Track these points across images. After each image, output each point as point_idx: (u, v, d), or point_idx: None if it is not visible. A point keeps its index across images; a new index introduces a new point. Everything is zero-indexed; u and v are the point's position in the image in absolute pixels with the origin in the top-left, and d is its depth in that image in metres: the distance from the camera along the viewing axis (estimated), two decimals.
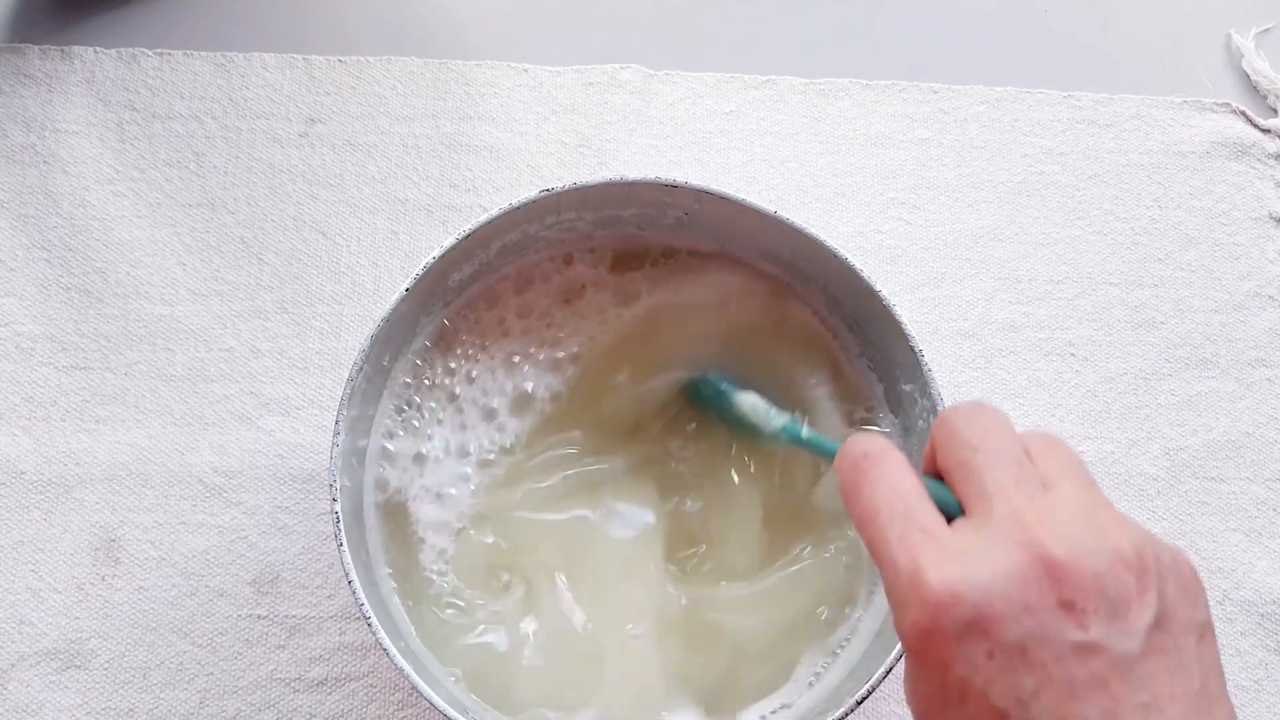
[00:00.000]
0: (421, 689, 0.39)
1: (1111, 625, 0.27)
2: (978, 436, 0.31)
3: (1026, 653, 0.27)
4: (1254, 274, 0.58)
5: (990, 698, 0.27)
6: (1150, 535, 0.30)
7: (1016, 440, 0.32)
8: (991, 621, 0.27)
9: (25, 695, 0.49)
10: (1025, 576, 0.28)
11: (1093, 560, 0.28)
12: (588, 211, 0.48)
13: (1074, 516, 0.29)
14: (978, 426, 0.32)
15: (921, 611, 0.28)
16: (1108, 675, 0.27)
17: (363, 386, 0.44)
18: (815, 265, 0.47)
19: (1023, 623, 0.27)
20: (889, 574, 0.30)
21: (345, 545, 0.41)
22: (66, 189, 0.56)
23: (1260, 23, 0.63)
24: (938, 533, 0.30)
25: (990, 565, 0.28)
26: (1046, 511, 0.29)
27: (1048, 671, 0.27)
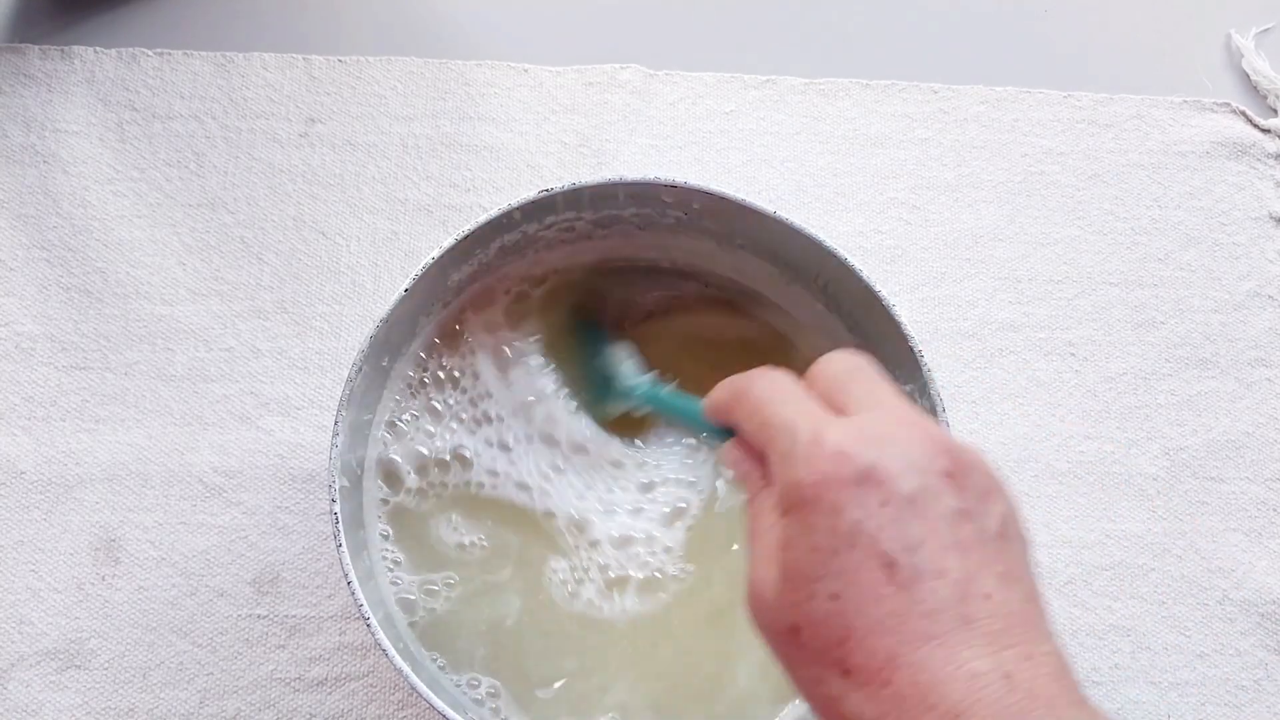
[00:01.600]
0: (420, 689, 0.39)
1: (979, 505, 0.31)
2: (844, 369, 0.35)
3: (916, 505, 0.30)
4: (1254, 274, 0.58)
5: (880, 542, 0.29)
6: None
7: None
8: (888, 473, 0.30)
9: (25, 695, 0.49)
10: (919, 445, 0.31)
11: (966, 451, 0.32)
12: (587, 211, 0.48)
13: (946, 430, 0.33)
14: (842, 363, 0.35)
15: (822, 460, 0.31)
16: (974, 543, 0.30)
17: (362, 387, 0.44)
18: (815, 265, 0.47)
19: (914, 480, 0.30)
20: (786, 441, 0.32)
21: (344, 545, 0.41)
22: (66, 189, 0.56)
23: (1260, 23, 0.63)
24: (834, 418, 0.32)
25: (886, 430, 0.31)
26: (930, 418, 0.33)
27: (932, 525, 0.30)
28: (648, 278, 0.51)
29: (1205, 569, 0.53)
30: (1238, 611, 0.52)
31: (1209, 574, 0.53)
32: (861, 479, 0.30)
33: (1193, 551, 0.53)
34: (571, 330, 0.50)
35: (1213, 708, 0.51)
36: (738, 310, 0.51)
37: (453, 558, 0.47)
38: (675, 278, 0.51)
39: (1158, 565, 0.53)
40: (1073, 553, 0.53)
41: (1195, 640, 0.52)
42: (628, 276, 0.51)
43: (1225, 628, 0.52)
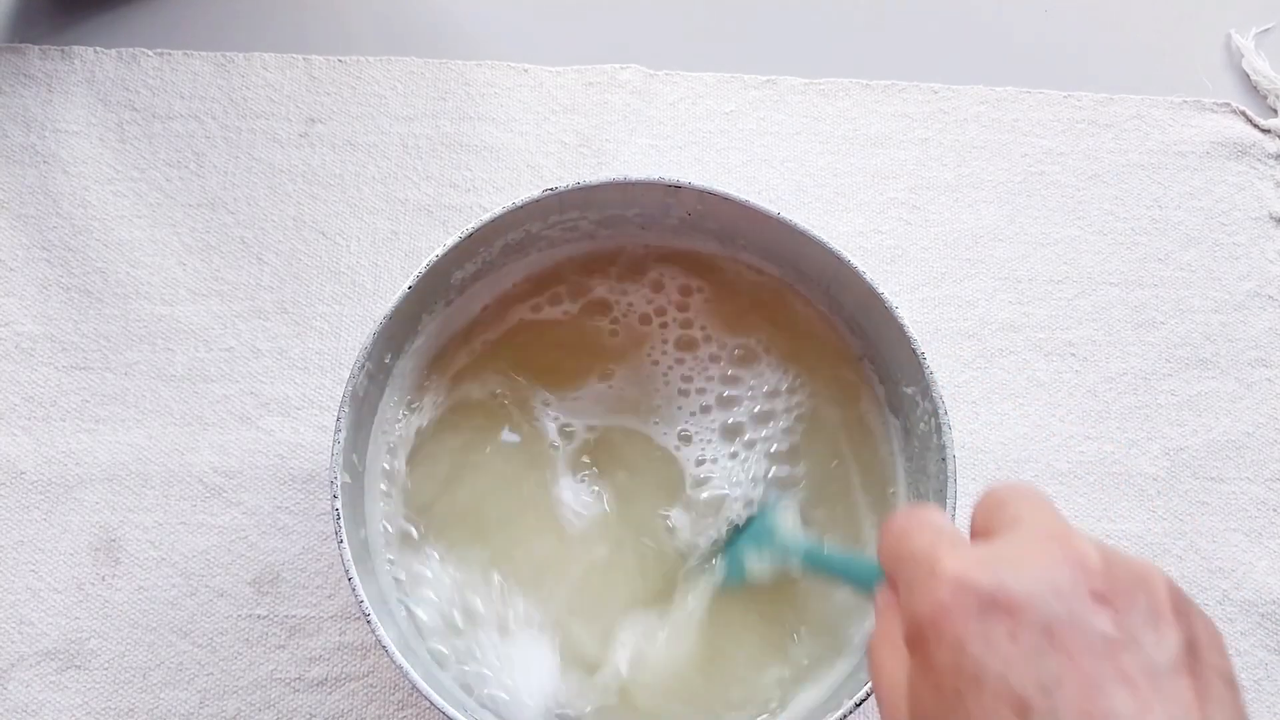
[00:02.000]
0: (421, 687, 0.39)
1: (1145, 631, 0.26)
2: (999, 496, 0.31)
3: (1053, 636, 0.25)
4: (1254, 274, 0.58)
5: (1010, 681, 0.25)
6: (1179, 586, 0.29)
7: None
8: (1016, 600, 0.26)
9: (25, 695, 0.49)
10: (1057, 564, 0.26)
11: (1127, 568, 0.27)
12: (591, 211, 0.48)
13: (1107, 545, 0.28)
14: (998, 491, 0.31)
15: (938, 589, 0.27)
16: (1138, 677, 0.25)
17: (364, 384, 0.44)
18: (818, 267, 0.47)
19: (1051, 605, 0.26)
20: (909, 571, 0.28)
21: (345, 542, 0.41)
22: (66, 189, 0.56)
23: (1260, 23, 0.63)
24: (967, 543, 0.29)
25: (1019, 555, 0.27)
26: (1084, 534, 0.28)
27: (1075, 660, 0.25)
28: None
29: (1205, 569, 0.53)
30: (1238, 611, 0.52)
31: (1209, 574, 0.53)
32: (986, 609, 0.26)
33: (1193, 551, 0.53)
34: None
35: None
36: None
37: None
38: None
39: (1158, 565, 0.53)
40: None
41: None
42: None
43: (1225, 628, 0.52)
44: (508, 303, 0.50)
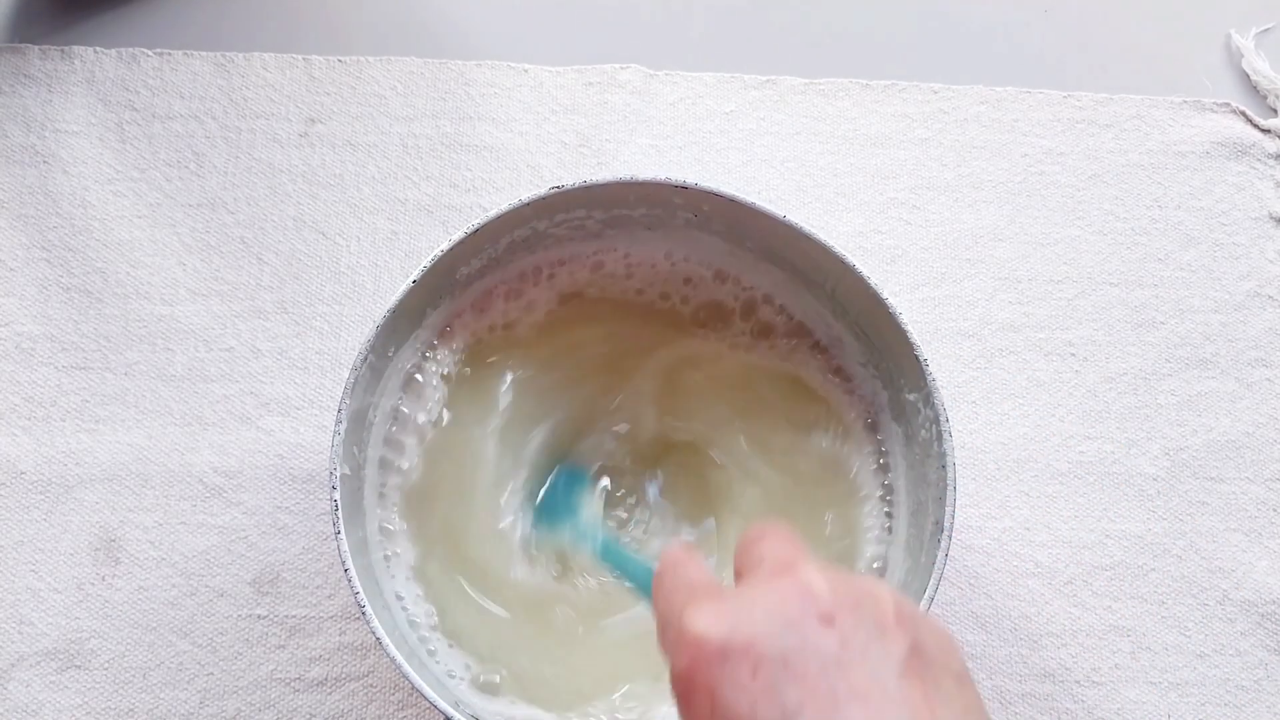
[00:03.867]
0: (416, 683, 0.39)
1: (871, 644, 0.28)
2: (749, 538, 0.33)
3: (789, 665, 0.27)
4: (1254, 274, 0.58)
5: (756, 717, 0.27)
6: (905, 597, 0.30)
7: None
8: (754, 640, 0.27)
9: (25, 695, 0.49)
10: (786, 598, 0.28)
11: (850, 588, 0.29)
12: (597, 210, 0.48)
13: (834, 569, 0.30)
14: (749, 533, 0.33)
15: (685, 648, 0.28)
16: (868, 690, 0.27)
17: (366, 376, 0.44)
18: (822, 271, 0.47)
19: (784, 638, 0.27)
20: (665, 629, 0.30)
21: (343, 534, 0.41)
22: (66, 189, 0.56)
23: (1260, 23, 0.63)
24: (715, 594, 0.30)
25: (751, 597, 0.29)
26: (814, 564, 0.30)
27: (811, 684, 0.27)
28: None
29: (1205, 569, 0.53)
30: (1238, 611, 0.52)
31: (1209, 574, 0.53)
32: (724, 656, 0.28)
33: (1193, 551, 0.53)
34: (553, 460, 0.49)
35: (1213, 708, 0.51)
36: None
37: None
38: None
39: (1158, 565, 0.53)
40: (1073, 553, 0.53)
41: (1195, 640, 0.52)
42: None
43: (1225, 628, 0.52)
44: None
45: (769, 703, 0.27)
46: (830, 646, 0.27)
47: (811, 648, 0.27)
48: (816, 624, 0.28)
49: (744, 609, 0.29)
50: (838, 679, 0.27)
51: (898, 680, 0.27)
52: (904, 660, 0.28)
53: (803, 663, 0.27)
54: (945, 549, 0.42)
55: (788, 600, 0.28)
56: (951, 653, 0.29)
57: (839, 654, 0.27)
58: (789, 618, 0.28)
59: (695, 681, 0.28)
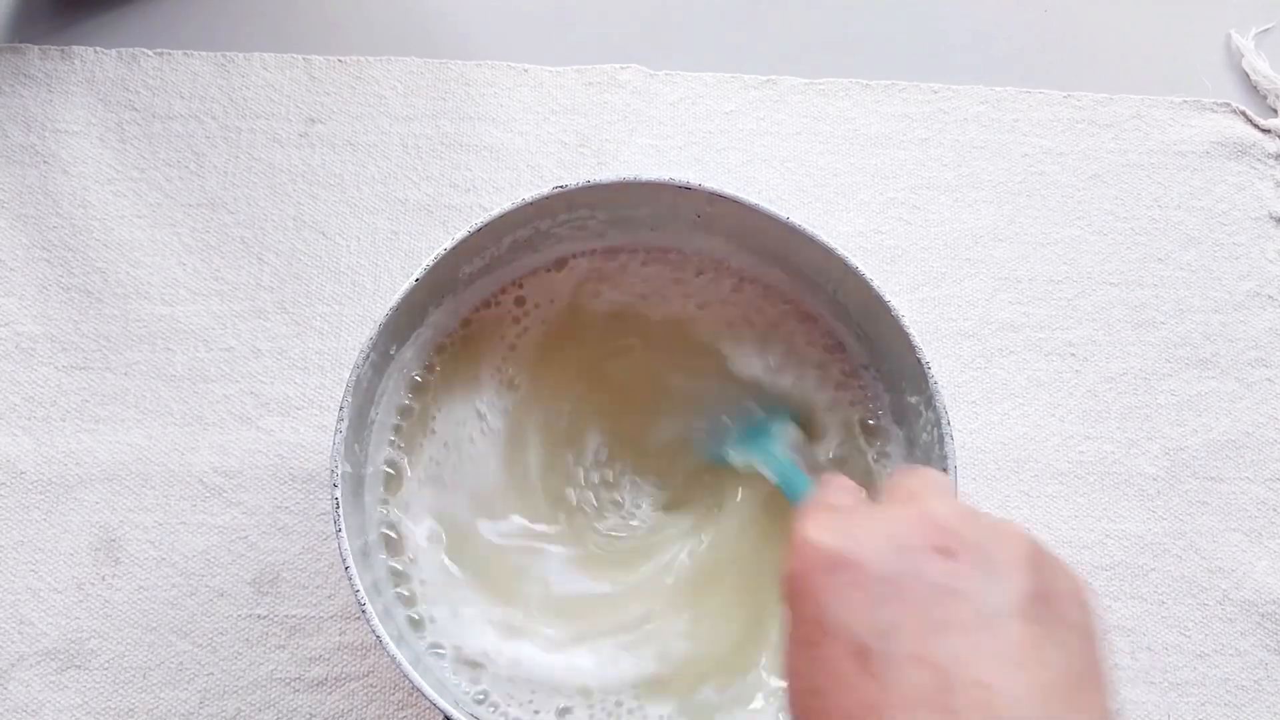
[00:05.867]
0: (417, 682, 0.39)
1: (986, 580, 0.27)
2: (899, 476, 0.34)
3: (894, 585, 0.28)
4: (1254, 274, 0.58)
5: (853, 630, 0.27)
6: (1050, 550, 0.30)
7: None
8: (864, 557, 0.28)
9: (25, 695, 0.49)
10: (907, 524, 0.29)
11: (978, 526, 0.29)
12: (600, 210, 0.48)
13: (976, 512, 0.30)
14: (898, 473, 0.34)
15: (801, 552, 0.29)
16: (970, 622, 0.27)
17: (368, 374, 0.44)
18: (825, 272, 0.47)
19: (892, 560, 0.28)
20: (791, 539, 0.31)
21: (343, 533, 0.41)
22: (66, 189, 0.56)
23: (1260, 23, 0.63)
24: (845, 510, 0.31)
25: (875, 518, 0.30)
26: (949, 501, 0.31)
27: (911, 607, 0.27)
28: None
29: (1205, 569, 0.53)
30: (1238, 611, 0.52)
31: (1209, 574, 0.53)
32: (833, 566, 0.29)
33: (1193, 551, 0.53)
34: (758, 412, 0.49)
35: (1213, 708, 0.51)
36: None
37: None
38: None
39: (1158, 565, 0.53)
40: (1073, 553, 0.53)
41: (1195, 640, 0.52)
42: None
43: (1225, 628, 0.52)
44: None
45: (868, 616, 0.27)
46: (941, 576, 0.28)
47: (921, 574, 0.28)
48: (932, 553, 0.28)
49: (863, 527, 0.29)
50: (940, 607, 0.27)
51: (1005, 618, 0.27)
52: (1021, 602, 0.27)
53: (907, 586, 0.27)
54: None
55: (908, 526, 0.29)
56: (1081, 608, 0.29)
57: (949, 584, 0.27)
58: (904, 542, 0.28)
59: (804, 584, 0.29)
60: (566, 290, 0.50)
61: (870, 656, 0.27)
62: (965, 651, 0.26)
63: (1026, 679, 0.26)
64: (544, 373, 0.49)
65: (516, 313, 0.50)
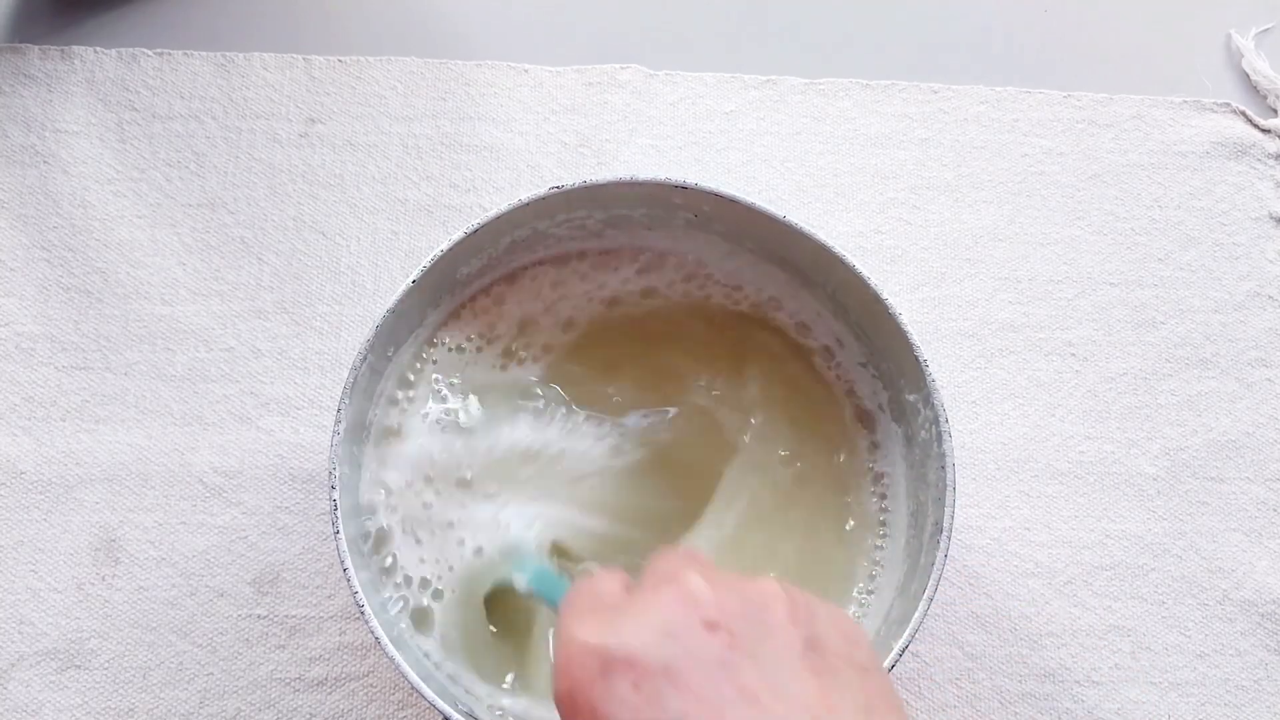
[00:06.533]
0: (416, 682, 0.39)
1: (760, 645, 0.27)
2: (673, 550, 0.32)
3: (672, 674, 0.26)
4: (1254, 274, 0.58)
5: None
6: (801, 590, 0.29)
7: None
8: (634, 651, 0.27)
9: (25, 695, 0.49)
10: (668, 608, 0.28)
11: (736, 592, 0.28)
12: (598, 210, 0.48)
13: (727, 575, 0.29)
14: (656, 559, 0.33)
15: (566, 665, 0.28)
16: (757, 690, 0.26)
17: (366, 376, 0.44)
18: (823, 271, 0.47)
19: (666, 647, 0.27)
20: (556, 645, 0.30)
21: (343, 534, 0.41)
22: (66, 189, 0.56)
23: (1260, 23, 0.63)
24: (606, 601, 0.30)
25: (636, 608, 0.28)
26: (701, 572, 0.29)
27: (695, 691, 0.26)
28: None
29: (1205, 569, 0.53)
30: (1238, 611, 0.52)
31: (1209, 574, 0.53)
32: (606, 668, 0.27)
33: (1193, 551, 0.53)
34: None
35: (1213, 708, 0.51)
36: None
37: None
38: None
39: (1158, 565, 0.53)
40: (1073, 553, 0.53)
41: (1195, 640, 0.52)
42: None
43: (1225, 628, 0.52)
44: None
45: (653, 714, 0.26)
46: (715, 651, 0.27)
47: (695, 654, 0.27)
48: (700, 630, 0.27)
49: (625, 620, 0.28)
50: (724, 683, 0.26)
51: (791, 677, 0.26)
52: (798, 657, 0.27)
53: (686, 670, 0.26)
54: (945, 550, 0.42)
55: (670, 608, 0.28)
56: (854, 643, 0.29)
57: (725, 657, 0.27)
58: (670, 626, 0.27)
59: (577, 699, 0.27)
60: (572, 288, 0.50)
61: None
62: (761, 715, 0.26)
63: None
64: (553, 369, 0.49)
65: (521, 313, 0.50)
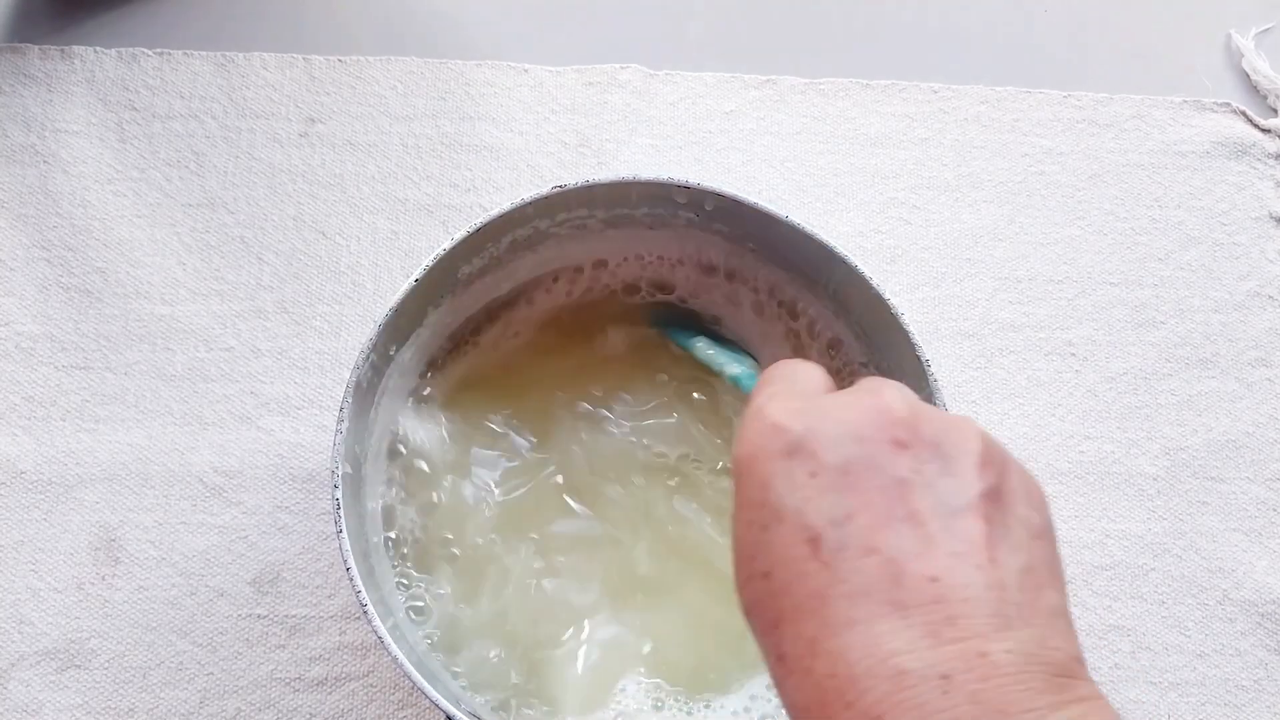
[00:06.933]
0: (418, 681, 0.39)
1: (941, 476, 0.27)
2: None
3: (850, 475, 0.27)
4: (1254, 274, 0.58)
5: (805, 515, 0.27)
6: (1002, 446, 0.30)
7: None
8: (819, 443, 0.28)
9: (25, 695, 0.49)
10: (863, 413, 0.28)
11: (935, 421, 0.29)
12: (599, 210, 0.48)
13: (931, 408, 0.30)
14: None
15: (753, 433, 0.29)
16: (926, 516, 0.26)
17: (368, 374, 0.44)
18: (825, 271, 0.47)
19: (851, 449, 0.27)
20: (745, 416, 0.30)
21: (345, 532, 0.41)
22: (66, 189, 0.56)
23: (1260, 23, 0.63)
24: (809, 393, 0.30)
25: (835, 406, 0.29)
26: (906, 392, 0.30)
27: (867, 497, 0.27)
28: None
29: (1205, 569, 0.53)
30: (1238, 611, 0.52)
31: (1209, 574, 0.53)
32: (791, 451, 0.28)
33: (1193, 551, 0.53)
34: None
35: (1213, 708, 0.51)
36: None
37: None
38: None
39: (1158, 565, 0.53)
40: (1073, 553, 0.53)
41: (1195, 640, 0.52)
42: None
43: (1225, 628, 0.52)
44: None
45: (820, 506, 0.27)
46: (897, 469, 0.27)
47: (877, 465, 0.27)
48: (888, 445, 0.28)
49: (823, 414, 0.29)
50: (896, 500, 0.27)
51: (960, 514, 0.27)
52: (975, 499, 0.27)
53: (865, 477, 0.27)
54: None
55: (867, 417, 0.28)
56: (1036, 507, 0.29)
57: (904, 477, 0.27)
58: (862, 433, 0.28)
59: (759, 466, 0.28)
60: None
61: (822, 544, 0.26)
62: (918, 545, 0.26)
63: (979, 576, 0.26)
64: (552, 368, 0.49)
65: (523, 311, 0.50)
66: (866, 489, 0.27)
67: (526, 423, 0.49)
